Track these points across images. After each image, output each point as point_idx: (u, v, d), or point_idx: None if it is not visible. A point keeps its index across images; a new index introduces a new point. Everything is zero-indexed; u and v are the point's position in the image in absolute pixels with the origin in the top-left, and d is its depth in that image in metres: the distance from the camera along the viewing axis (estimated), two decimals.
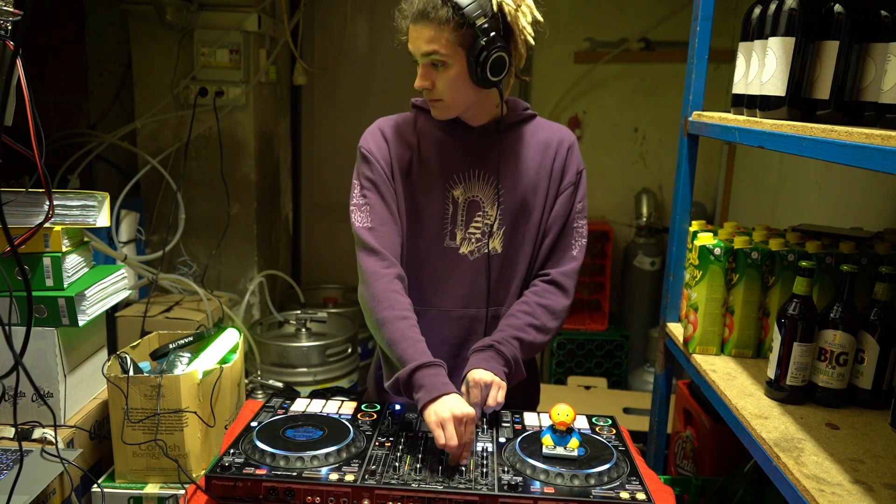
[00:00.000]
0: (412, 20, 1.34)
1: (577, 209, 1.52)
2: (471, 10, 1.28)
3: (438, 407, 1.23)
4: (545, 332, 1.44)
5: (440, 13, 1.30)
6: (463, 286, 1.48)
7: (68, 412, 1.55)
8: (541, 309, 1.44)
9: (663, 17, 3.39)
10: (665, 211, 3.52)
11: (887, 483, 1.08)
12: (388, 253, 1.41)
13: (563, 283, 1.48)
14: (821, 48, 1.26)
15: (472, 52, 1.31)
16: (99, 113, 3.36)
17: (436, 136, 1.47)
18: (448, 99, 1.38)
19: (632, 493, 1.15)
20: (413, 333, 1.34)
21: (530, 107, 1.54)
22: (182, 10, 2.87)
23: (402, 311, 1.36)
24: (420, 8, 1.31)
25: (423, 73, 1.37)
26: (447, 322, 1.48)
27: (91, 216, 1.53)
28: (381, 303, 1.36)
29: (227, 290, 3.18)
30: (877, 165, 0.93)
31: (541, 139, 1.51)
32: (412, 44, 1.36)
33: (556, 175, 1.49)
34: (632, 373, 3.48)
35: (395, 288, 1.38)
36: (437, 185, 1.45)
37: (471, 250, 1.47)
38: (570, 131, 1.56)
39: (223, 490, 1.16)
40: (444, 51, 1.32)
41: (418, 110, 1.51)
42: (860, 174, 2.08)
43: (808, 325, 1.33)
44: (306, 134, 3.76)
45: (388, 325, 1.34)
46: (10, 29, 1.07)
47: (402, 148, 1.46)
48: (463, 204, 1.46)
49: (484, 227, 1.47)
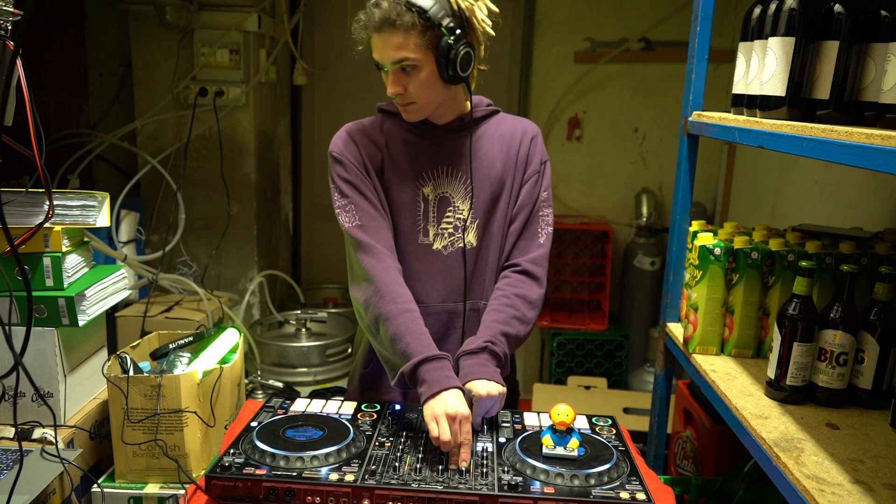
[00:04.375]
0: (375, 29, 1.34)
1: (542, 198, 1.53)
2: (435, 12, 1.31)
3: (437, 402, 1.26)
4: (526, 323, 1.46)
5: (405, 19, 1.31)
6: (439, 281, 1.49)
7: (68, 412, 1.55)
8: (519, 300, 1.46)
9: (663, 17, 3.39)
10: (665, 211, 3.53)
11: (887, 483, 1.08)
12: (383, 247, 1.42)
13: (534, 272, 1.49)
14: (821, 48, 1.26)
15: (441, 51, 1.34)
16: (99, 113, 3.37)
17: (403, 137, 1.49)
18: (421, 101, 1.40)
19: (632, 493, 1.15)
20: (417, 326, 1.36)
21: (493, 103, 1.57)
22: (182, 10, 2.87)
23: (406, 304, 1.38)
24: (383, 16, 1.32)
25: (393, 79, 1.38)
26: (426, 317, 1.47)
27: (91, 216, 1.53)
28: (384, 296, 1.37)
29: (227, 290, 3.19)
30: (877, 165, 0.93)
31: (505, 132, 1.53)
32: (379, 52, 1.36)
33: (521, 164, 1.52)
34: (632, 373, 3.48)
35: (398, 280, 1.41)
36: (408, 184, 1.47)
37: (444, 245, 1.49)
38: (533, 123, 1.58)
39: (223, 490, 1.16)
40: (413, 55, 1.34)
41: (385, 114, 1.53)
42: (860, 174, 2.07)
43: (808, 325, 1.33)
44: (306, 134, 3.76)
45: (393, 319, 1.35)
46: (10, 29, 1.07)
47: (372, 148, 1.48)
48: (433, 201, 1.48)
49: (456, 221, 1.49)
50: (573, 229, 3.43)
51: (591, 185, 3.62)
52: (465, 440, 1.24)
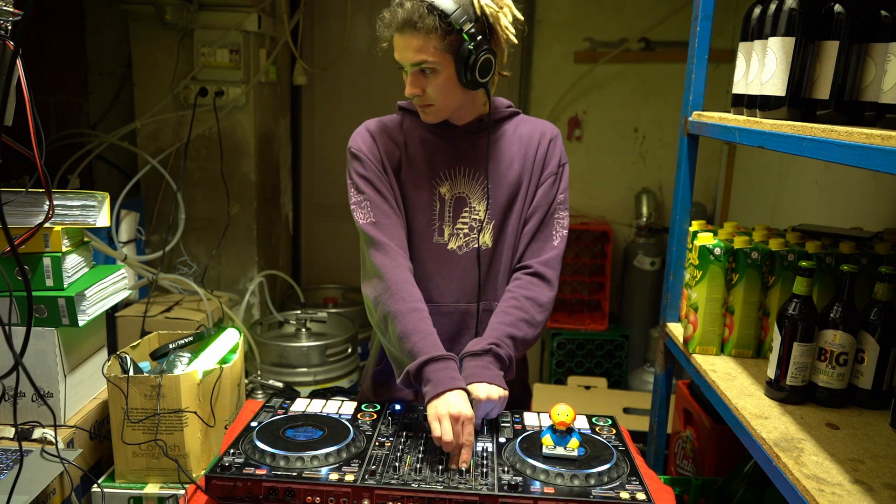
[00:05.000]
0: (397, 29, 1.33)
1: (558, 200, 1.52)
2: (457, 17, 1.30)
3: (440, 403, 1.25)
4: (535, 325, 1.44)
5: (426, 22, 1.30)
6: (453, 281, 1.49)
7: (68, 412, 1.55)
8: (529, 302, 1.45)
9: (663, 17, 3.39)
10: (665, 211, 3.52)
11: (887, 483, 1.08)
12: (396, 245, 1.42)
13: (546, 275, 1.48)
14: (821, 48, 1.26)
15: (461, 56, 1.33)
16: (99, 113, 3.37)
17: (422, 136, 1.49)
18: (439, 103, 1.40)
19: (632, 493, 1.15)
20: (425, 326, 1.36)
21: (513, 105, 1.56)
22: (182, 10, 2.87)
23: (415, 304, 1.38)
24: (405, 17, 1.31)
25: (412, 80, 1.38)
26: (439, 317, 1.48)
27: (91, 216, 1.53)
28: (394, 294, 1.37)
29: (227, 290, 3.19)
30: (877, 165, 0.93)
31: (523, 134, 1.52)
32: (399, 53, 1.36)
33: (538, 166, 1.51)
34: (632, 373, 3.48)
35: (408, 279, 1.41)
36: (425, 183, 1.47)
37: (459, 245, 1.48)
38: (553, 126, 1.56)
39: (223, 490, 1.16)
40: (432, 59, 1.33)
41: (404, 112, 1.53)
42: (860, 174, 2.07)
43: (808, 325, 1.33)
44: (306, 134, 3.76)
45: (402, 318, 1.36)
46: (10, 29, 1.07)
47: (391, 146, 1.48)
48: (450, 200, 1.48)
49: (472, 222, 1.48)
50: (573, 229, 3.42)
51: (591, 185, 3.62)
52: (467, 442, 1.24)
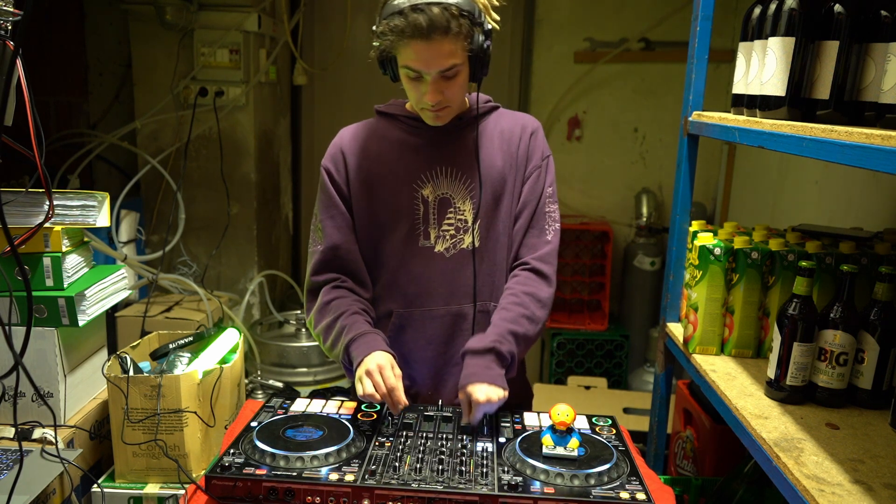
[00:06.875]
0: (421, 36, 1.25)
1: (546, 193, 1.50)
2: (477, 15, 1.30)
3: (359, 368, 1.33)
4: (536, 322, 1.44)
5: (458, 26, 1.27)
6: (443, 284, 1.47)
7: (68, 412, 1.55)
8: (529, 298, 1.44)
9: (663, 17, 3.39)
10: (665, 211, 3.52)
11: (887, 483, 1.08)
12: (328, 272, 1.50)
13: (543, 271, 1.48)
14: (821, 48, 1.26)
15: (478, 53, 1.32)
16: (99, 113, 3.37)
17: (399, 139, 1.47)
18: (454, 103, 1.39)
19: (632, 493, 1.15)
20: (351, 320, 1.41)
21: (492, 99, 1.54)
22: (182, 10, 2.87)
23: (339, 310, 1.43)
24: (433, 23, 1.24)
25: (435, 87, 1.33)
26: (431, 321, 1.47)
27: (91, 216, 1.53)
28: (318, 314, 1.46)
29: (227, 290, 3.18)
30: (877, 165, 0.93)
31: (504, 128, 1.50)
32: (422, 61, 1.29)
33: (522, 161, 1.49)
34: (632, 373, 3.48)
35: (329, 297, 1.46)
36: (405, 187, 1.45)
37: (446, 247, 1.47)
38: (533, 118, 1.54)
39: (223, 490, 1.16)
40: (460, 61, 1.32)
41: (381, 116, 1.51)
42: (860, 174, 2.07)
43: (808, 325, 1.33)
44: (306, 134, 3.76)
45: (329, 329, 1.43)
46: (10, 29, 1.07)
47: (361, 157, 1.47)
48: (433, 202, 1.46)
49: (457, 223, 1.47)
50: (573, 229, 3.43)
51: (591, 185, 3.62)
52: (394, 385, 1.29)
